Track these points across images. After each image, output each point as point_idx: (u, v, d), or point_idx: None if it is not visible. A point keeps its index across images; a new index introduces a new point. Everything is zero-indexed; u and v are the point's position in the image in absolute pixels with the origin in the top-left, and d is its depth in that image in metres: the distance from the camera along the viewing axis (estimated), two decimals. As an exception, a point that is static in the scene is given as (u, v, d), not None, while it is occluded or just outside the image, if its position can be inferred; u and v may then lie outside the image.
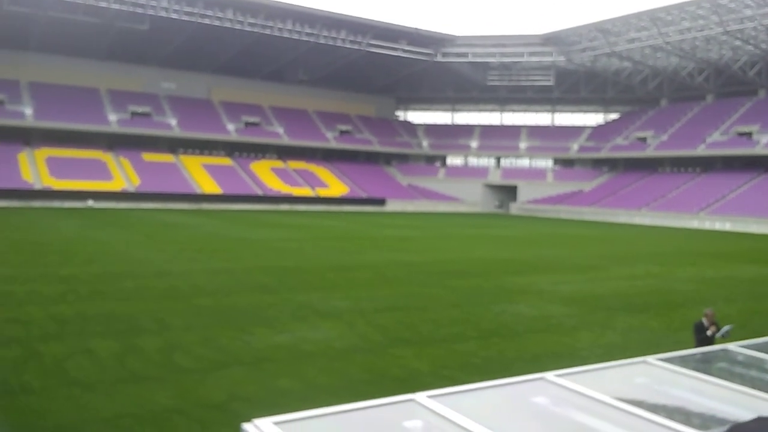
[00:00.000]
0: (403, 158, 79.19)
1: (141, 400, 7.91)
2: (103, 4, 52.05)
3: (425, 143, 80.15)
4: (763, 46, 57.22)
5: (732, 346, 5.66)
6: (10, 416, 7.27)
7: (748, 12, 51.72)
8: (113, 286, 15.70)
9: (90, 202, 51.34)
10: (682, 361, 5.10)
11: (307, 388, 8.60)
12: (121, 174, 56.73)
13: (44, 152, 56.46)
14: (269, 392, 8.42)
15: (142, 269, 18.65)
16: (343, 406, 3.72)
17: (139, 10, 53.48)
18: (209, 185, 59.13)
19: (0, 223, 33.15)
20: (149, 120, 63.39)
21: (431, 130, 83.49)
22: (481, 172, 76.24)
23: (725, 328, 9.21)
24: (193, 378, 8.85)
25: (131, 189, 54.80)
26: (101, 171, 56.09)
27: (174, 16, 54.89)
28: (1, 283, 15.48)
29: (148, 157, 61.37)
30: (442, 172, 76.72)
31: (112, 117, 61.56)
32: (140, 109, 63.87)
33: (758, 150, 56.51)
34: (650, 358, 5.04)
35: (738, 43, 58.56)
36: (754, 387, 4.58)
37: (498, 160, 77.51)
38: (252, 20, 57.81)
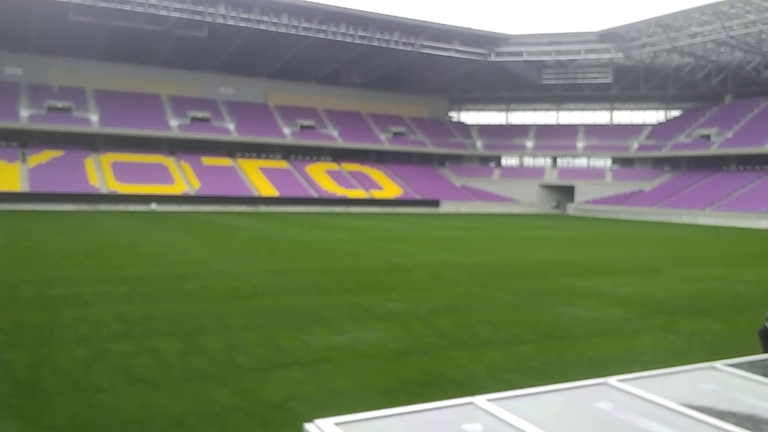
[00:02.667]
0: (456, 159, 78.74)
1: (204, 399, 8.14)
2: (164, 13, 53.91)
3: (479, 144, 79.46)
4: (838, 36, 54.28)
5: (805, 353, 5.41)
6: (79, 412, 7.61)
7: (820, 1, 49.15)
8: (176, 286, 16.21)
9: (153, 206, 53.15)
10: (752, 367, 4.93)
11: (363, 389, 8.67)
12: (182, 178, 58.52)
13: (109, 157, 58.87)
14: (326, 392, 8.51)
15: (203, 270, 19.19)
16: (402, 408, 3.74)
17: (198, 18, 55.12)
18: (266, 188, 60.32)
19: (68, 226, 34.76)
20: (208, 125, 65.20)
21: (485, 130, 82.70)
22: (537, 172, 75.00)
23: None
24: (253, 377, 9.05)
25: (192, 192, 56.47)
26: (163, 175, 58.02)
27: (231, 22, 56.32)
28: (71, 284, 16.22)
29: (208, 161, 63.13)
30: (496, 172, 75.89)
31: (173, 122, 63.60)
32: (199, 115, 65.78)
33: (833, 146, 53.58)
34: (718, 364, 4.87)
35: (809, 34, 55.73)
36: None
37: (554, 159, 76.09)
38: (306, 24, 58.69)
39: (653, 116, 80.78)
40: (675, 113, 78.87)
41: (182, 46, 62.88)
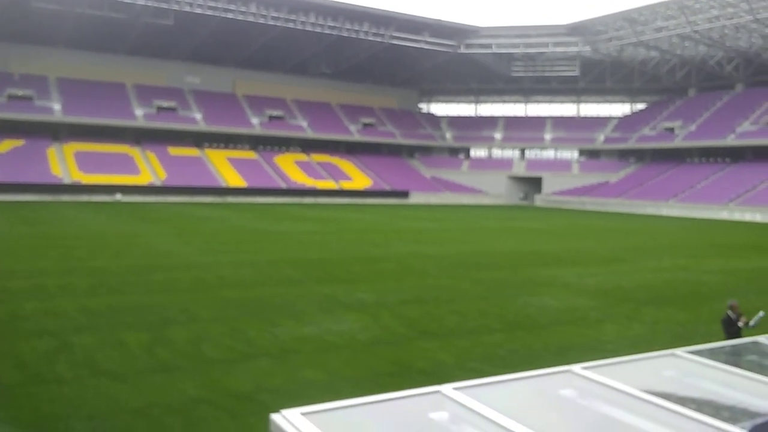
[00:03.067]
0: (426, 150, 78.98)
1: (170, 390, 8.06)
2: (129, 0, 52.70)
3: (449, 135, 79.81)
4: (796, 32, 55.89)
5: (763, 339, 5.58)
6: (42, 405, 7.47)
7: (780, -2, 50.49)
8: (142, 278, 15.97)
9: (118, 196, 52.20)
10: (712, 354, 5.04)
11: (332, 380, 8.68)
12: (148, 168, 57.56)
13: (72, 147, 57.53)
14: (295, 383, 8.50)
15: (169, 262, 18.94)
16: (369, 398, 3.75)
17: (164, 5, 54.06)
18: (234, 179, 59.70)
19: (30, 217, 33.92)
20: (174, 114, 64.15)
21: (454, 122, 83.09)
22: (506, 163, 75.70)
23: (758, 315, 9.02)
24: (221, 369, 8.99)
25: (158, 183, 55.60)
26: (128, 165, 56.98)
27: (198, 10, 55.40)
28: (34, 276, 15.85)
29: (174, 151, 62.17)
30: (465, 164, 76.36)
31: (138, 112, 62.42)
32: (165, 104, 64.67)
33: (790, 139, 55.25)
34: (679, 351, 4.98)
35: (768, 30, 57.25)
36: None
37: (522, 151, 76.88)
38: (275, 14, 58.03)
39: (619, 109, 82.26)
40: (640, 106, 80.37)
41: (148, 34, 61.66)
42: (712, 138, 61.73)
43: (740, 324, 8.88)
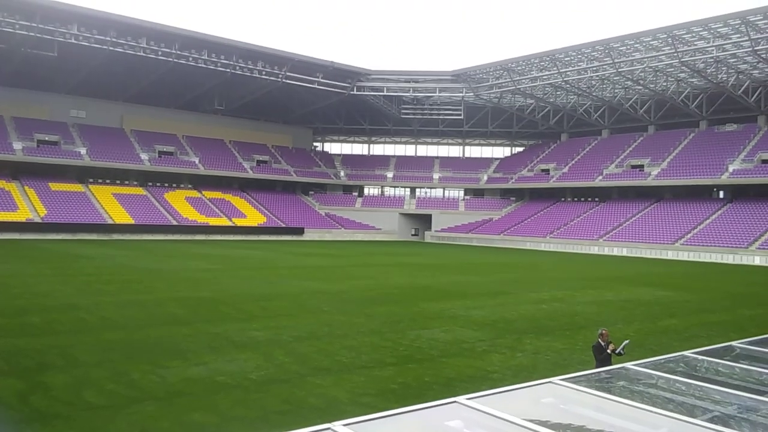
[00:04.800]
0: (320, 188, 79.32)
1: (47, 440, 7.60)
2: (8, 30, 49.54)
3: (342, 173, 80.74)
4: (651, 86, 62.07)
5: (631, 365, 6.07)
6: None
7: (637, 55, 56.11)
8: (16, 320, 14.87)
9: (-10, 234, 48.16)
10: (586, 381, 5.44)
11: (221, 421, 8.54)
12: (26, 204, 53.69)
13: (-60, 181, 52.57)
14: (182, 427, 8.29)
15: (47, 302, 17.74)
16: None
17: (47, 36, 51.22)
18: (120, 215, 56.86)
19: None
20: (57, 149, 60.43)
21: (348, 160, 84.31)
22: (397, 201, 77.54)
23: (624, 342, 9.98)
24: (103, 415, 8.58)
25: (37, 219, 51.95)
26: (5, 201, 52.92)
27: (84, 43, 52.95)
28: None
29: (56, 186, 58.43)
30: (359, 201, 77.41)
31: (17, 145, 58.26)
32: (47, 137, 60.81)
33: (649, 181, 60.90)
34: (556, 379, 5.33)
35: (629, 83, 63.30)
36: (650, 404, 4.98)
37: (413, 190, 79.18)
38: (167, 49, 56.62)
39: (500, 151, 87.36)
40: (519, 149, 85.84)
41: (29, 65, 58.09)
42: (583, 179, 66.86)
43: (609, 350, 9.74)
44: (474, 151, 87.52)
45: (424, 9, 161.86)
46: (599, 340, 9.94)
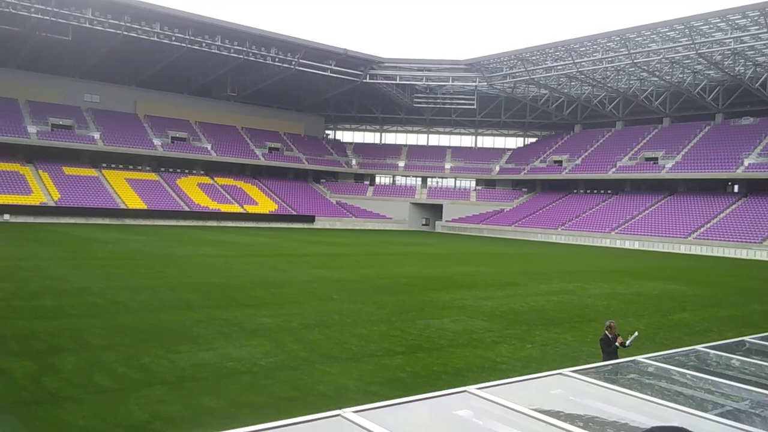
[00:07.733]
0: (332, 176, 79.35)
1: (58, 422, 7.69)
2: (24, 13, 49.73)
3: (354, 162, 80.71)
4: (667, 78, 61.35)
5: (641, 358, 6.02)
6: None
7: (654, 46, 55.46)
8: (29, 303, 15.03)
9: (6, 217, 48.73)
10: (596, 373, 5.40)
11: (230, 407, 8.57)
12: (41, 188, 54.17)
13: (-44, 164, 53.17)
14: (192, 411, 8.33)
15: (60, 286, 17.91)
16: (264, 425, 3.67)
17: (62, 21, 51.39)
18: (133, 200, 57.22)
19: None
20: (71, 133, 60.82)
21: (360, 148, 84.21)
22: (409, 190, 77.44)
23: (633, 335, 9.92)
24: (113, 398, 8.66)
25: (51, 203, 52.40)
26: (19, 184, 53.40)
27: (99, 27, 53.09)
28: None
29: (69, 170, 58.87)
30: (370, 190, 77.38)
31: (32, 129, 58.70)
32: (61, 122, 61.19)
33: (663, 174, 60.35)
34: (566, 371, 5.30)
35: (644, 74, 62.59)
36: (660, 397, 4.94)
37: (424, 179, 79.01)
38: (180, 35, 56.64)
39: (513, 142, 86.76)
40: (532, 140, 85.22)
41: (44, 49, 58.35)
42: (596, 171, 66.37)
43: (617, 343, 9.69)
44: (486, 141, 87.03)
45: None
46: (606, 332, 9.89)
